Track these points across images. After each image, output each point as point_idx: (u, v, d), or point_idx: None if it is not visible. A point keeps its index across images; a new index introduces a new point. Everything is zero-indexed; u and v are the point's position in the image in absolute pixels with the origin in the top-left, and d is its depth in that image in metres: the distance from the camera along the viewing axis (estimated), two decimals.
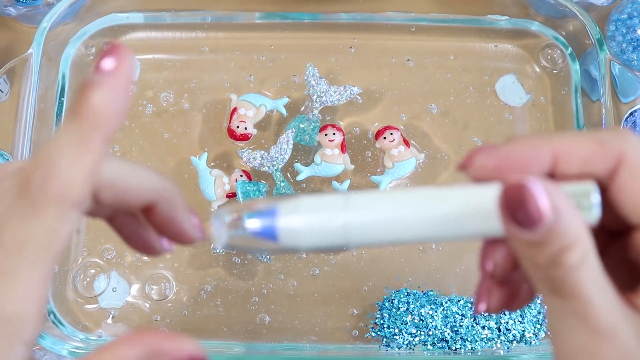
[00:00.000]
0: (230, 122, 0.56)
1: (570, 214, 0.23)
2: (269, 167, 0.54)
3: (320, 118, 0.57)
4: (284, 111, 0.56)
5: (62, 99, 0.57)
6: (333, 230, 0.25)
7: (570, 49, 0.59)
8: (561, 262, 0.23)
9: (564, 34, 0.59)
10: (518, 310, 0.51)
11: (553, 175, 0.25)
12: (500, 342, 0.51)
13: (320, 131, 0.55)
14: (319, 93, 0.56)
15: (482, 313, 0.28)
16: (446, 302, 0.51)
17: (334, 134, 0.54)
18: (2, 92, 0.56)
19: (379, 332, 0.51)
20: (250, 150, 0.54)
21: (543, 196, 0.23)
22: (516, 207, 0.23)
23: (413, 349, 0.51)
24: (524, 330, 0.51)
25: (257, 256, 0.54)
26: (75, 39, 0.58)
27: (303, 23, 0.59)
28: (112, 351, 0.24)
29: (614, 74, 0.54)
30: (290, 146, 0.54)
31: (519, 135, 0.25)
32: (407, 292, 0.52)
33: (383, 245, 0.26)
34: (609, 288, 0.24)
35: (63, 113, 0.57)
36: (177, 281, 0.54)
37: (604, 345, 0.23)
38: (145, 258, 0.54)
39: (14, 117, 0.53)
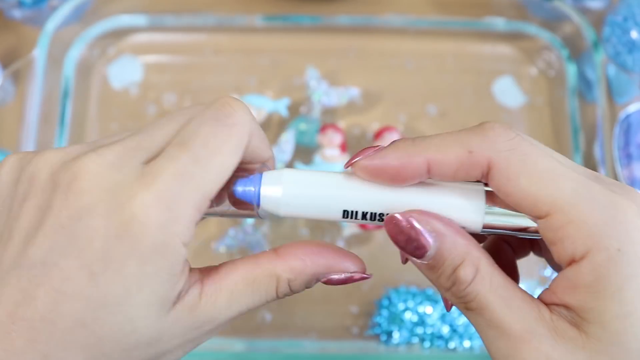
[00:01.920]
0: None
1: (451, 233, 0.24)
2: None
3: (321, 119, 0.57)
4: (284, 112, 0.57)
5: (66, 100, 0.58)
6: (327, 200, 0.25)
7: (566, 51, 0.59)
8: (457, 279, 0.24)
9: (561, 36, 0.60)
10: None
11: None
12: None
13: (320, 132, 0.56)
14: (319, 94, 0.57)
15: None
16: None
17: (334, 134, 0.55)
18: (7, 93, 0.56)
19: (377, 330, 0.52)
20: None
21: (417, 227, 0.24)
22: (400, 240, 0.24)
23: (411, 346, 0.52)
24: None
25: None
26: (79, 41, 0.59)
27: (304, 25, 0.60)
28: (287, 262, 0.25)
29: (610, 75, 0.55)
30: (291, 147, 0.55)
31: (399, 140, 0.25)
32: (406, 290, 0.53)
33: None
34: (512, 290, 0.24)
35: (67, 115, 0.57)
36: None
37: (523, 349, 0.23)
38: None
39: (19, 118, 0.54)
